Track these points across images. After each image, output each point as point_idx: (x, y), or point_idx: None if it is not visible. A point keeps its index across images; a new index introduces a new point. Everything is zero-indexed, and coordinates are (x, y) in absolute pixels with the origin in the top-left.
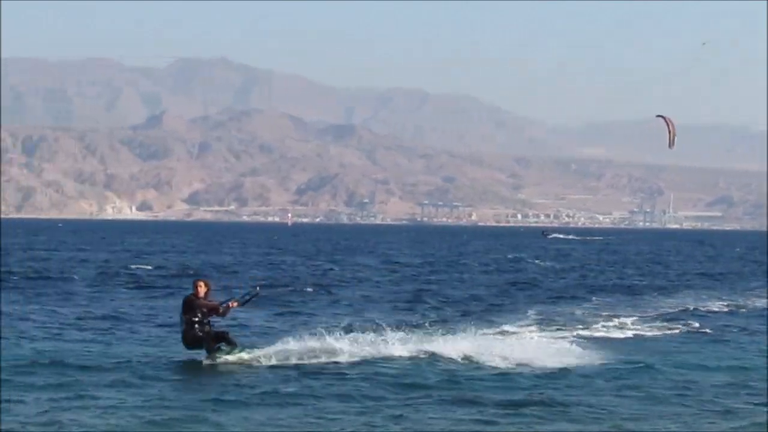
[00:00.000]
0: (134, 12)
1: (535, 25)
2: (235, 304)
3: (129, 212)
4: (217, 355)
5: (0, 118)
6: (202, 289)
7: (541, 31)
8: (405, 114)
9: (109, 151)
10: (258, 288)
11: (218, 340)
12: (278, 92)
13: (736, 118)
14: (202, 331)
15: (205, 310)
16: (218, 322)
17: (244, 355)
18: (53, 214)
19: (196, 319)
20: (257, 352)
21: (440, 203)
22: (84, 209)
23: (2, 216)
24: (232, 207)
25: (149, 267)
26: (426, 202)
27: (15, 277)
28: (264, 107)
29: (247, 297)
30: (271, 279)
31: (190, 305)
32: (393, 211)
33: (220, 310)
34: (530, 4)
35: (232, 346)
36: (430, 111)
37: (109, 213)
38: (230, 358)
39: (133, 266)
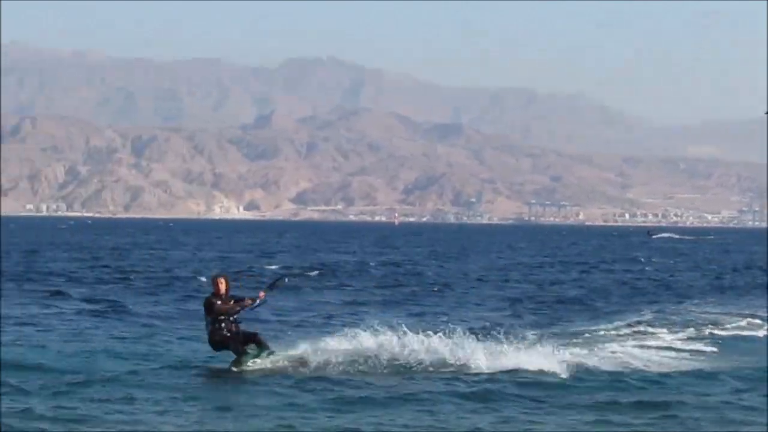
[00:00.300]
0: (245, 12)
1: (640, 24)
2: (263, 294)
3: (236, 212)
4: (245, 359)
5: (110, 118)
6: (223, 286)
7: (646, 31)
8: (513, 113)
9: (217, 150)
10: (286, 279)
11: (247, 342)
12: (387, 91)
13: None
14: (229, 330)
15: (238, 309)
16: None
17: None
18: (161, 214)
19: (222, 317)
20: (321, 348)
21: (547, 202)
22: (192, 209)
23: (111, 215)
24: (339, 206)
25: (273, 267)
26: (533, 201)
27: (136, 276)
28: (372, 106)
29: (272, 283)
30: (395, 278)
31: (210, 307)
32: (500, 210)
33: (247, 304)
34: (633, 3)
35: (262, 348)
36: (539, 110)
37: (217, 213)
38: (259, 362)
39: (255, 265)
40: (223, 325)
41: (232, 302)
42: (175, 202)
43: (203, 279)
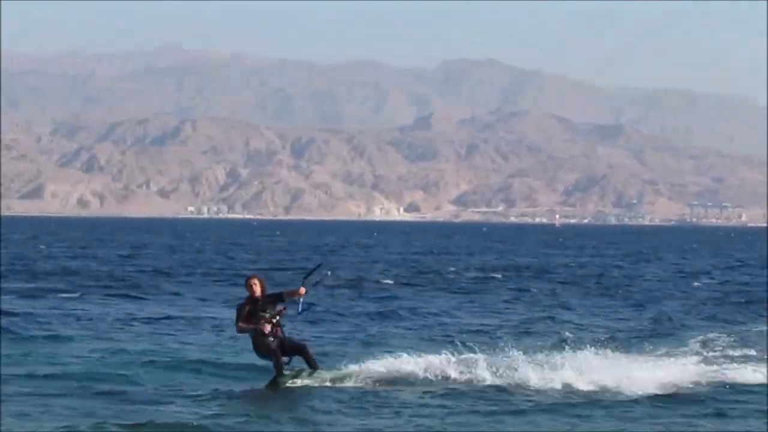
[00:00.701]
0: (403, 14)
1: None
2: (303, 290)
3: (397, 214)
4: (282, 380)
5: (268, 120)
6: (257, 288)
7: None
8: (674, 115)
9: (377, 152)
10: (329, 273)
11: (292, 353)
12: (546, 93)
13: None
14: (275, 337)
15: (252, 328)
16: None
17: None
18: (322, 216)
19: (265, 321)
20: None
21: (709, 204)
22: (352, 211)
23: (272, 217)
24: (500, 208)
25: (452, 268)
26: (695, 202)
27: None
28: (532, 108)
29: (307, 274)
30: (575, 279)
31: (236, 316)
32: (661, 211)
33: (285, 300)
34: None
35: (310, 366)
36: (700, 112)
37: (377, 214)
38: (299, 383)
39: (434, 267)
40: (267, 332)
41: (260, 315)
42: (335, 204)
43: (389, 281)
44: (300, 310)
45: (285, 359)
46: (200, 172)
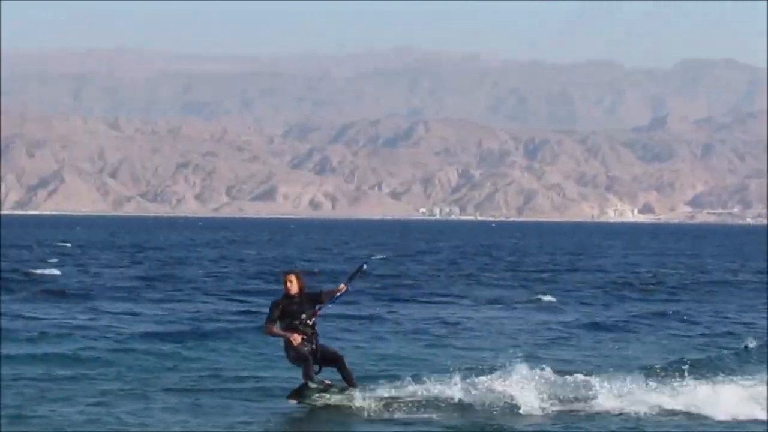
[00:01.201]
0: (639, 13)
1: None
2: (343, 286)
3: (631, 215)
4: (309, 392)
5: (501, 121)
6: (294, 285)
7: None
8: None
9: (610, 153)
10: (365, 266)
11: (325, 363)
12: None
13: None
14: (309, 341)
15: (310, 315)
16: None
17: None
18: (554, 217)
19: (297, 323)
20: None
21: None
22: (585, 212)
23: (504, 218)
24: (736, 210)
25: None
26: None
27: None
28: None
29: (353, 275)
30: None
31: (270, 312)
32: None
33: (324, 300)
34: None
35: (345, 380)
36: None
37: (611, 216)
38: (327, 397)
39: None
40: (303, 337)
41: (296, 314)
42: (568, 205)
43: (653, 285)
44: (333, 298)
45: (315, 368)
46: (432, 173)
